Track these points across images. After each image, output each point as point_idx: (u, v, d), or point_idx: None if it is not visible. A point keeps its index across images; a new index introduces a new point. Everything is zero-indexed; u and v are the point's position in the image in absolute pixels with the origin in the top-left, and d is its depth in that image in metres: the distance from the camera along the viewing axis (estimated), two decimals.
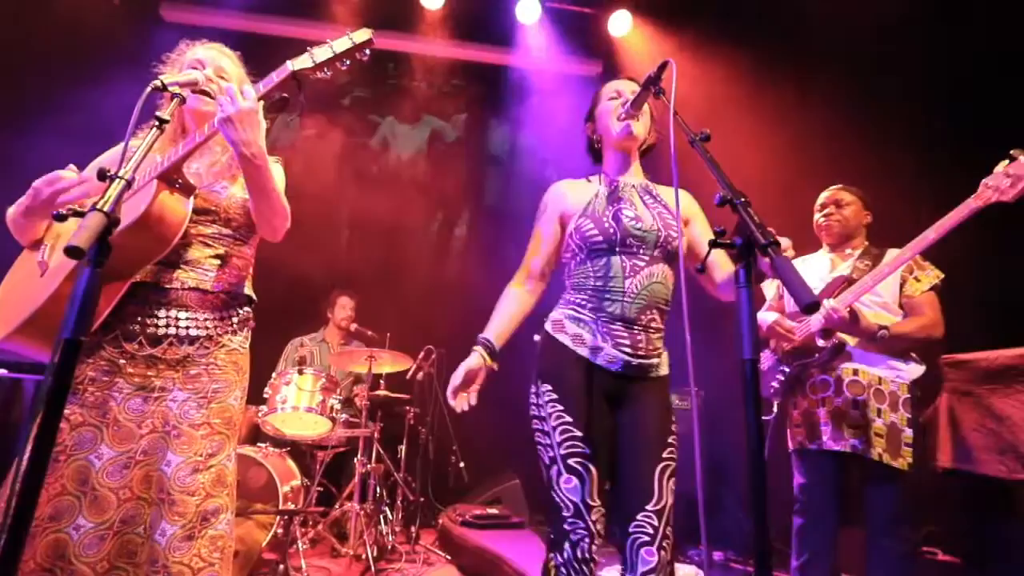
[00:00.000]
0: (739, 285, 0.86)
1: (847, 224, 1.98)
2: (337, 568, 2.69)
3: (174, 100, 1.19)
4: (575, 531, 1.24)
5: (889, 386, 1.78)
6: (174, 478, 1.16)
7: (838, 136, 3.22)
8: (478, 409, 4.26)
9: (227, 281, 1.31)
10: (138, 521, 1.15)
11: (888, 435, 1.73)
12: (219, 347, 1.28)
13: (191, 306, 1.25)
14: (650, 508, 1.24)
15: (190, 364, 1.24)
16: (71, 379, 0.82)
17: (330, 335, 3.79)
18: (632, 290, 1.33)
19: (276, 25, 4.26)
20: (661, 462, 1.28)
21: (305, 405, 2.83)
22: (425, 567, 2.81)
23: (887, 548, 1.70)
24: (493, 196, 4.72)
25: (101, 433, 1.16)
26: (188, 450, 1.18)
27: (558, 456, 1.28)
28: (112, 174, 0.94)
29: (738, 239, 0.88)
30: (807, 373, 1.91)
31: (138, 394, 1.20)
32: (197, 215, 1.27)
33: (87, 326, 0.85)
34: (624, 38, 4.44)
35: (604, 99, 1.49)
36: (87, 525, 1.11)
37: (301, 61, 1.18)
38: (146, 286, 1.24)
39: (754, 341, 0.84)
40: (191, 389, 1.22)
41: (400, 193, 4.60)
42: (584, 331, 1.35)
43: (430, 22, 4.41)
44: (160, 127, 1.10)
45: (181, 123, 1.40)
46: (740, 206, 0.90)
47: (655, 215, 1.39)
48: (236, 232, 1.34)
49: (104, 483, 1.14)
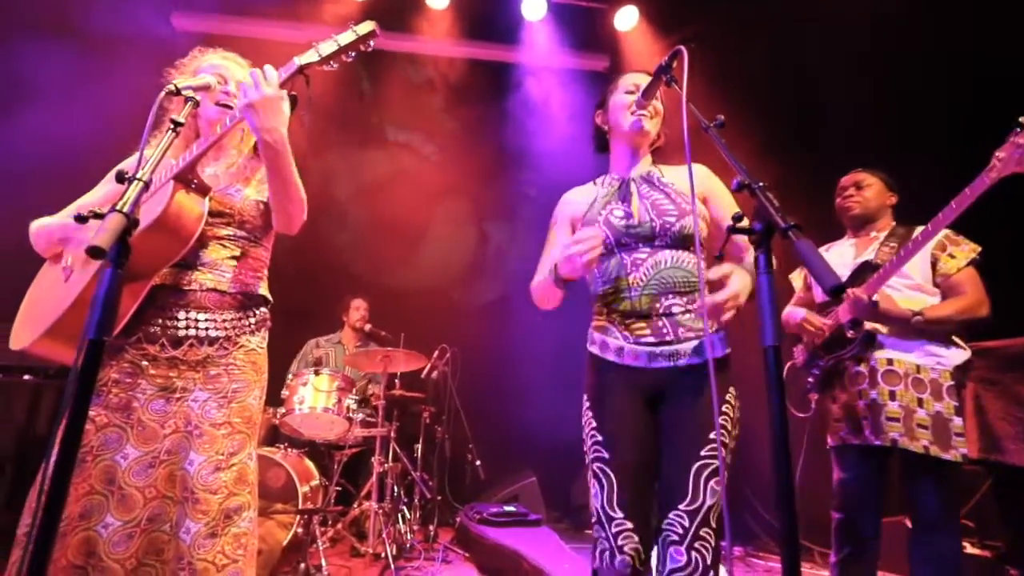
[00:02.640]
0: (759, 272, 0.84)
1: (867, 205, 1.92)
2: (357, 567, 2.71)
3: (188, 104, 1.21)
4: (600, 541, 1.24)
5: (929, 374, 1.70)
6: (197, 476, 1.18)
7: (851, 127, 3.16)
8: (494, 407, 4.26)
9: (243, 282, 1.33)
10: (164, 519, 1.17)
11: (934, 426, 1.64)
12: (238, 348, 1.29)
13: (210, 307, 1.27)
14: (682, 508, 1.18)
15: (210, 365, 1.25)
16: (95, 379, 0.83)
17: (346, 337, 3.84)
18: (637, 283, 1.31)
19: (284, 30, 4.31)
20: (699, 460, 1.20)
21: (322, 406, 2.86)
22: (444, 565, 2.81)
23: (935, 544, 1.62)
24: (504, 194, 4.72)
25: (126, 433, 1.19)
26: (210, 449, 1.20)
27: (588, 463, 1.29)
28: (130, 176, 0.96)
29: (757, 224, 0.86)
30: (842, 366, 1.85)
31: (160, 395, 1.22)
32: (213, 217, 1.29)
33: (110, 327, 0.86)
34: (630, 33, 4.42)
35: (620, 91, 1.46)
36: (115, 523, 1.14)
37: (307, 56, 1.19)
38: (165, 289, 1.26)
39: (776, 328, 0.82)
40: (212, 389, 1.24)
41: (412, 193, 4.62)
42: (608, 337, 1.34)
43: (436, 21, 4.42)
44: (176, 130, 1.12)
45: (196, 131, 1.41)
46: (759, 191, 0.88)
47: (650, 206, 1.36)
48: (251, 233, 1.36)
49: (130, 482, 1.16)
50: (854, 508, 1.77)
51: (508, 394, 4.00)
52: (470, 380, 3.74)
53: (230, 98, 1.34)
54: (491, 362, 3.94)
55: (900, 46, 3.00)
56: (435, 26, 4.42)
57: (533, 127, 4.43)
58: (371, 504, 2.84)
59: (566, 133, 4.34)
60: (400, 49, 4.44)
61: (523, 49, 4.46)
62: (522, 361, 4.08)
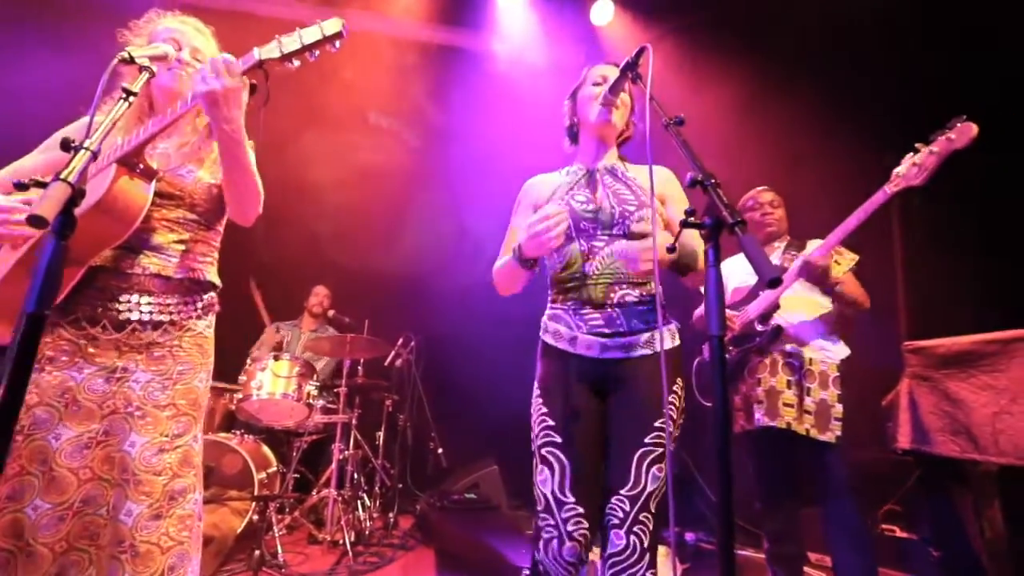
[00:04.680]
0: (708, 265, 0.88)
1: (781, 224, 2.14)
2: (314, 553, 2.69)
3: (142, 73, 1.16)
4: (545, 528, 1.22)
5: (819, 366, 1.89)
6: (139, 458, 1.14)
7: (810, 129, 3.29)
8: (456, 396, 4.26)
9: (190, 267, 1.28)
10: (99, 502, 1.13)
11: (817, 411, 1.84)
12: (183, 331, 1.26)
13: (154, 291, 1.23)
14: (624, 492, 1.20)
15: (154, 347, 1.22)
16: (35, 354, 0.80)
17: (304, 322, 3.78)
18: (593, 271, 1.32)
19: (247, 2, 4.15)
20: (642, 447, 1.23)
21: (281, 391, 2.81)
22: (402, 552, 2.82)
23: (838, 522, 1.78)
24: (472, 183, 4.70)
25: (59, 413, 1.14)
26: (153, 431, 1.17)
27: (536, 449, 1.28)
28: (77, 144, 0.92)
29: (707, 219, 0.90)
30: (747, 358, 2.00)
31: (100, 375, 1.18)
32: (161, 199, 1.23)
33: (51, 300, 0.83)
34: (606, 27, 4.47)
35: (588, 83, 1.48)
36: (45, 506, 1.09)
37: (268, 50, 1.12)
38: (106, 271, 1.20)
39: (721, 318, 0.86)
40: (155, 371, 1.21)
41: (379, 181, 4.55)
42: (560, 325, 1.35)
43: (408, 4, 4.35)
44: (128, 99, 1.07)
45: (149, 99, 1.34)
46: (710, 187, 0.92)
47: (612, 194, 1.38)
48: (202, 217, 1.30)
49: (63, 463, 1.12)
50: (769, 493, 1.94)
51: (471, 383, 4.01)
52: (434, 369, 3.74)
53: (183, 66, 1.29)
54: (454, 351, 3.94)
55: None
56: (414, 10, 4.35)
57: (504, 115, 4.42)
58: (330, 491, 2.82)
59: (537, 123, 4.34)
60: (370, 31, 4.34)
61: (503, 38, 4.45)
62: (485, 350, 4.10)
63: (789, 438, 1.86)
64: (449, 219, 4.84)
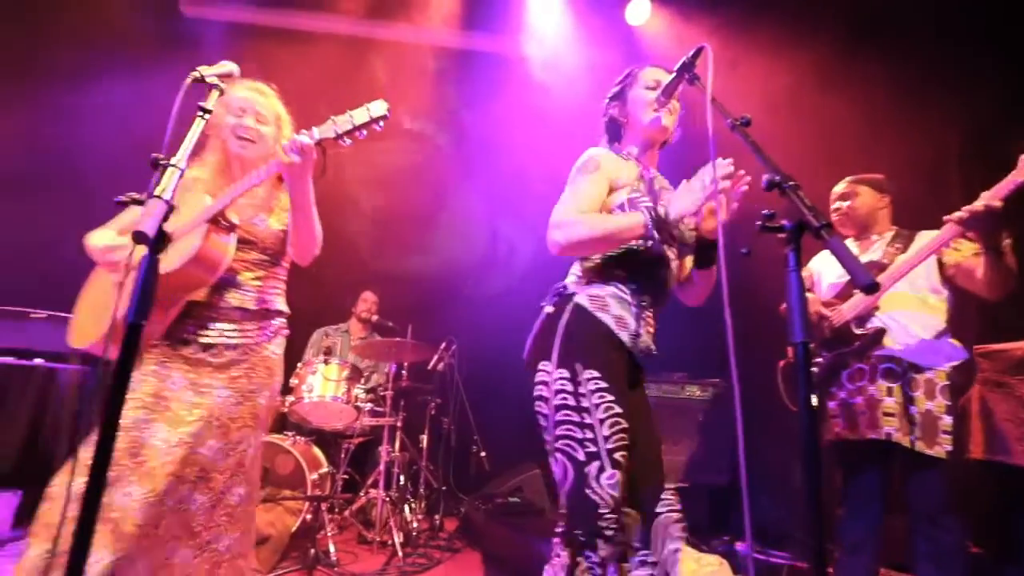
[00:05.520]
0: (790, 269, 0.85)
1: (855, 215, 1.97)
2: (363, 554, 2.74)
3: (214, 91, 1.23)
4: (609, 527, 1.15)
5: (925, 374, 1.74)
6: (213, 460, 1.37)
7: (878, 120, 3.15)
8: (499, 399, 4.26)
9: (264, 299, 1.53)
10: (176, 494, 1.33)
11: (923, 423, 1.70)
12: (257, 354, 1.49)
13: (235, 320, 1.47)
14: (671, 485, 1.28)
15: (233, 367, 1.45)
16: (135, 359, 0.84)
17: (352, 327, 3.87)
18: (667, 279, 1.36)
19: (290, 18, 4.29)
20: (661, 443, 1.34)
21: (331, 394, 2.88)
22: (449, 554, 2.84)
23: (935, 540, 1.66)
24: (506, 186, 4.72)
25: (155, 417, 1.34)
26: (224, 438, 1.40)
27: (603, 451, 1.18)
28: (165, 163, 0.97)
29: (787, 222, 0.87)
30: (843, 362, 1.88)
31: (190, 388, 1.40)
32: (240, 244, 1.47)
33: (147, 311, 0.87)
34: (643, 27, 4.40)
35: (640, 86, 1.47)
36: (136, 493, 1.27)
37: (324, 130, 1.35)
38: (200, 304, 1.45)
39: (806, 324, 0.83)
40: (233, 388, 1.44)
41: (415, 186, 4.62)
42: (627, 314, 1.29)
43: (442, 12, 4.41)
44: (204, 116, 1.15)
45: (227, 161, 1.58)
46: (789, 189, 0.89)
47: None
48: (272, 258, 1.55)
49: (154, 459, 1.31)
50: (855, 504, 1.81)
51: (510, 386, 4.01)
52: (476, 372, 3.76)
53: (248, 131, 1.52)
54: (496, 354, 3.95)
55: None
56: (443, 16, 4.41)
57: (540, 119, 4.42)
58: (378, 492, 2.87)
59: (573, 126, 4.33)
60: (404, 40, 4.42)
61: (536, 42, 4.45)
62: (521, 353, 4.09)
63: (886, 450, 1.75)
64: (484, 223, 4.87)
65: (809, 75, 3.44)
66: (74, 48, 3.60)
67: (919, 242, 1.82)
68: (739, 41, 3.70)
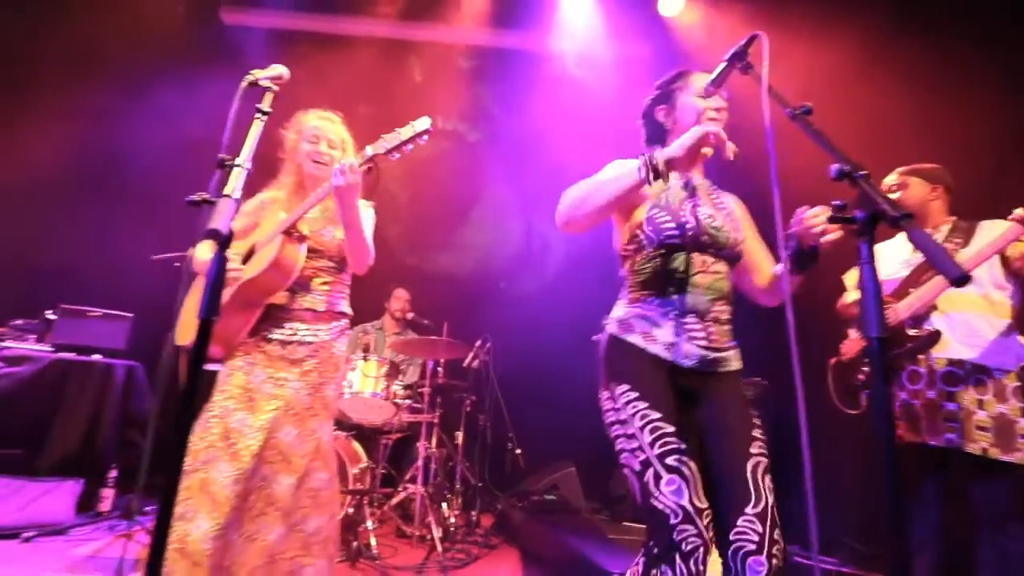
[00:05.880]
0: (863, 261, 0.82)
1: (909, 204, 1.87)
2: (403, 548, 2.78)
3: (267, 93, 1.28)
4: (687, 540, 1.10)
5: (994, 375, 1.65)
6: (291, 445, 1.56)
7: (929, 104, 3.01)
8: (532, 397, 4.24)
9: (331, 302, 1.72)
10: (259, 474, 1.51)
11: (997, 428, 1.61)
12: (325, 351, 1.67)
13: (307, 321, 1.66)
14: (750, 511, 1.13)
15: (305, 362, 1.63)
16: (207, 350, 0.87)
17: (386, 324, 3.92)
18: (703, 283, 1.30)
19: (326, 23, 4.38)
20: (751, 459, 1.19)
21: (370, 390, 2.93)
22: (486, 550, 2.86)
23: (1001, 546, 1.59)
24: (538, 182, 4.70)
25: (241, 406, 1.55)
26: (301, 426, 1.59)
27: (652, 458, 1.16)
28: (230, 163, 1.00)
29: (859, 213, 0.84)
30: (898, 363, 1.80)
31: (269, 380, 1.59)
32: (310, 253, 1.66)
33: (217, 307, 0.90)
34: (677, 17, 4.32)
35: (691, 92, 1.42)
36: (227, 471, 1.47)
37: (376, 147, 1.53)
38: (277, 307, 1.65)
39: (880, 318, 0.80)
40: (305, 381, 1.62)
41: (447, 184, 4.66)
42: (655, 328, 1.29)
43: (478, 10, 4.42)
44: (262, 118, 1.21)
45: (301, 180, 1.77)
46: (862, 179, 0.86)
47: (726, 216, 1.39)
48: (338, 265, 1.74)
49: (241, 442, 1.50)
50: (915, 509, 1.74)
51: (548, 384, 4.01)
52: (511, 369, 3.76)
53: (322, 156, 1.73)
54: (531, 351, 3.96)
55: None
56: (474, 15, 4.43)
57: (571, 116, 4.38)
58: (417, 488, 2.90)
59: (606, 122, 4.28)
60: (442, 39, 4.45)
61: (567, 37, 4.42)
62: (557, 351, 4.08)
63: (946, 455, 1.68)
64: (517, 219, 4.87)
65: (853, 60, 3.31)
66: (124, 56, 3.76)
67: (981, 234, 1.73)
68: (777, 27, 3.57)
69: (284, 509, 1.51)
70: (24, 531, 2.44)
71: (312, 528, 1.55)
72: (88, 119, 3.68)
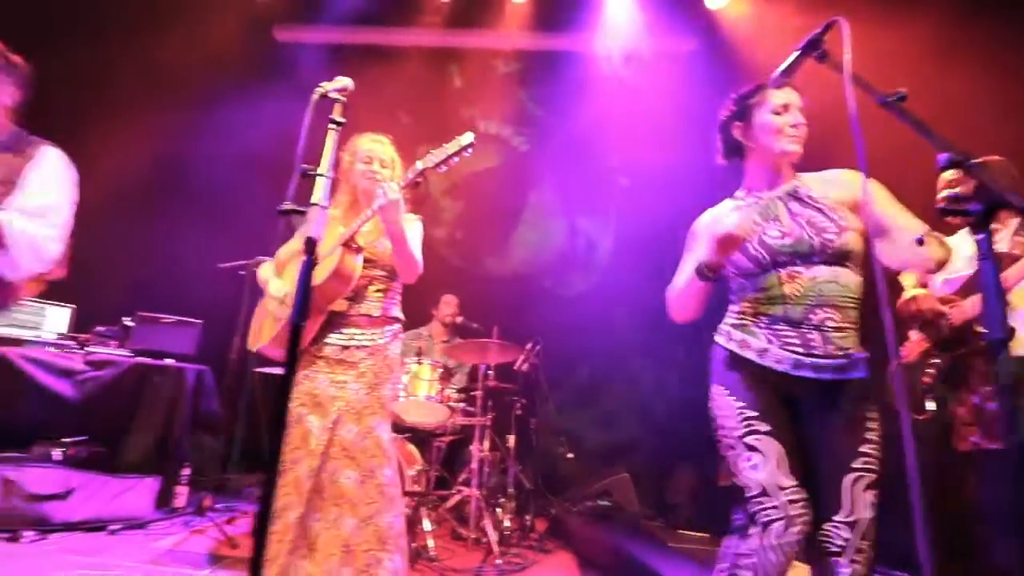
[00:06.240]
0: (981, 256, 0.76)
1: None
2: (459, 550, 2.79)
3: (336, 104, 1.34)
4: (763, 512, 1.21)
5: None
6: (353, 441, 1.67)
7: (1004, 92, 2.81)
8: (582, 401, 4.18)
9: (385, 308, 1.83)
10: (327, 468, 1.66)
11: None
12: (381, 353, 1.78)
13: (363, 326, 1.78)
14: (839, 519, 1.20)
15: (361, 364, 1.75)
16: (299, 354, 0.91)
17: (434, 330, 3.97)
18: (793, 293, 1.30)
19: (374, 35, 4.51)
20: (851, 473, 1.22)
21: (424, 394, 2.97)
22: (542, 555, 2.84)
23: None
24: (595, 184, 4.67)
25: (311, 410, 1.70)
26: (360, 423, 1.70)
27: (736, 440, 1.29)
28: (313, 172, 1.04)
29: (975, 205, 0.78)
30: (967, 363, 1.70)
31: (331, 385, 1.72)
32: (366, 263, 1.78)
33: (307, 311, 0.94)
34: (724, 9, 4.20)
35: (767, 110, 1.40)
36: (306, 466, 1.64)
37: (425, 161, 1.64)
38: (337, 314, 1.78)
39: (1002, 318, 0.74)
40: (363, 382, 1.74)
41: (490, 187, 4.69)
42: (749, 336, 1.35)
43: (518, 15, 4.45)
44: (336, 128, 1.26)
45: (355, 199, 1.90)
46: (975, 168, 0.80)
47: (804, 223, 1.34)
48: (391, 274, 1.84)
49: (314, 441, 1.66)
50: (1001, 521, 1.61)
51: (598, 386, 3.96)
52: (561, 372, 3.74)
53: (375, 175, 1.84)
54: (581, 354, 3.92)
55: None
56: (517, 19, 4.45)
57: (621, 116, 4.33)
58: (472, 491, 2.92)
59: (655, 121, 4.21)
60: (486, 45, 4.50)
61: (610, 35, 4.38)
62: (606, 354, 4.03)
63: None
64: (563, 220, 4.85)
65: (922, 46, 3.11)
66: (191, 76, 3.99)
67: None
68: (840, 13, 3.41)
69: (352, 502, 1.63)
70: (110, 524, 2.60)
71: (386, 523, 1.64)
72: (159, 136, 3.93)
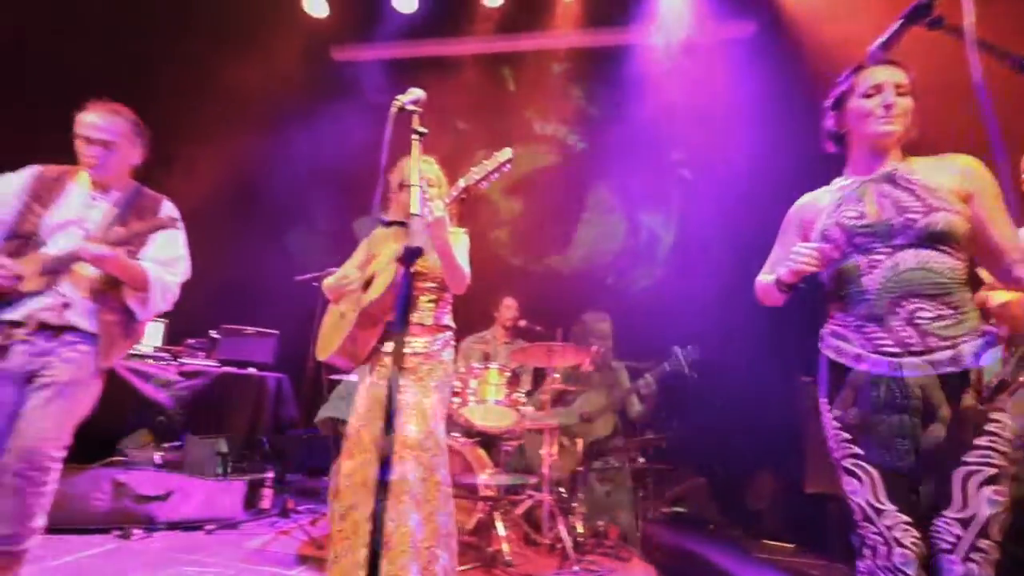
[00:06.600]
0: None
1: None
2: (533, 555, 2.77)
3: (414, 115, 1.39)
4: (868, 535, 1.23)
5: None
6: (417, 441, 1.74)
7: None
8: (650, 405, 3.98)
9: (437, 317, 1.93)
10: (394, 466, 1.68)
11: None
12: (434, 359, 1.88)
13: (417, 334, 1.87)
14: (949, 515, 1.15)
15: (417, 369, 1.85)
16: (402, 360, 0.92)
17: (497, 334, 3.97)
18: (873, 286, 1.24)
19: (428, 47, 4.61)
20: (963, 467, 1.16)
21: (493, 398, 2.97)
22: (619, 562, 2.77)
23: None
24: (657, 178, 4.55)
25: (376, 414, 1.77)
26: (422, 424, 1.77)
27: (836, 461, 1.31)
28: (407, 184, 1.06)
29: None
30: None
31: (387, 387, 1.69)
32: (418, 276, 1.87)
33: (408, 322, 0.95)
34: None
35: (858, 95, 1.33)
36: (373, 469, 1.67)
37: (467, 179, 1.72)
38: (391, 323, 1.83)
39: None
40: (419, 386, 1.84)
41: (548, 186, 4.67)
42: (842, 342, 1.32)
43: (569, 14, 4.41)
44: (419, 138, 1.32)
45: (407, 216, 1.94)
46: None
47: (891, 204, 1.27)
48: (441, 285, 1.92)
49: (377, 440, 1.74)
50: None
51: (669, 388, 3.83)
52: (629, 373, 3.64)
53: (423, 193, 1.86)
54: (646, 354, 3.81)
55: None
56: (569, 18, 4.42)
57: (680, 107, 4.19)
58: (543, 495, 2.89)
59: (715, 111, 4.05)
60: (539, 47, 4.49)
61: (663, 27, 4.26)
62: None
63: None
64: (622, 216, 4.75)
65: None
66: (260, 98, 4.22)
67: None
68: None
69: (417, 499, 1.70)
70: (207, 524, 2.77)
71: (441, 521, 1.71)
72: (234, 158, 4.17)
